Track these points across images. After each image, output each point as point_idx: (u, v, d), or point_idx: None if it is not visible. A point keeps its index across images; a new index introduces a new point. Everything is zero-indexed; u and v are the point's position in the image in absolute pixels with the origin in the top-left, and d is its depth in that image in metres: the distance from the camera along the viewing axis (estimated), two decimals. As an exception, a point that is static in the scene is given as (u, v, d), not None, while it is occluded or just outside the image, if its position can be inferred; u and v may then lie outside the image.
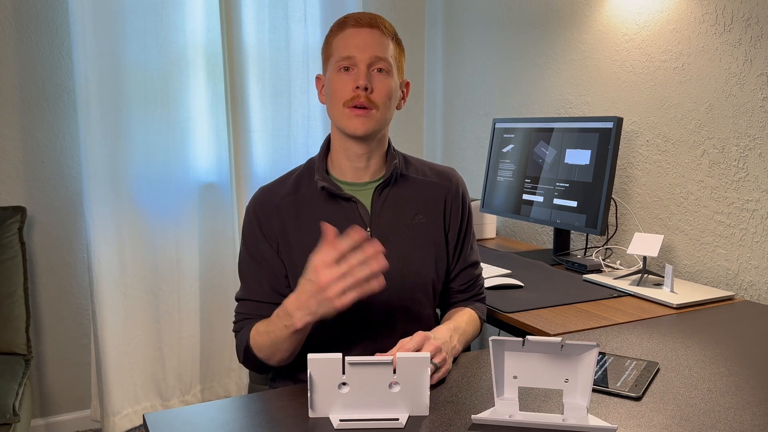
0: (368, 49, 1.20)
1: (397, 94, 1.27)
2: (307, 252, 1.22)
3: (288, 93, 2.61)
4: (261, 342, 1.19)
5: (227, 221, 2.59)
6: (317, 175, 1.27)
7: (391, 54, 1.23)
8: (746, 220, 1.65)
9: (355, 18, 1.22)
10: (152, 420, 0.94)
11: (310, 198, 1.27)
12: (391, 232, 1.27)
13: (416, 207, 1.30)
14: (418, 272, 1.28)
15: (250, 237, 1.28)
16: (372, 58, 1.20)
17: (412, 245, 1.28)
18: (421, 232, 1.30)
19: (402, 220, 1.29)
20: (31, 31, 2.30)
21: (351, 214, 1.26)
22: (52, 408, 2.50)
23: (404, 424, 0.92)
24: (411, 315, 1.29)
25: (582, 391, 0.90)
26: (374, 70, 1.21)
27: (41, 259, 2.41)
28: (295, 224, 1.26)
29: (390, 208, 1.28)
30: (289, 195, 1.28)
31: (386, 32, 1.23)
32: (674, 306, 1.50)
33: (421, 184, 1.32)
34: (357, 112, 1.20)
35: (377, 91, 1.20)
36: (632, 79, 1.96)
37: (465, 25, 2.73)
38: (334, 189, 1.25)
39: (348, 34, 1.21)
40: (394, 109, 1.26)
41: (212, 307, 2.61)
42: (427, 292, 1.31)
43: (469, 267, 1.38)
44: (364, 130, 1.21)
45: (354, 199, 1.26)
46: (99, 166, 2.32)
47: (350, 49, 1.20)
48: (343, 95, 1.20)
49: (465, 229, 1.36)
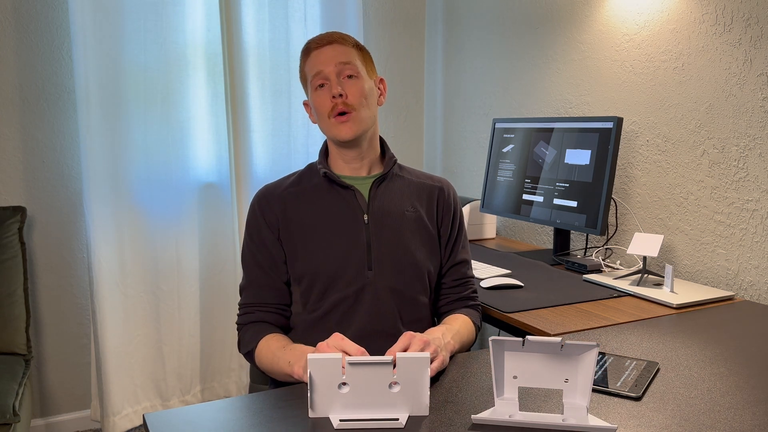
0: (332, 60, 1.30)
1: (373, 92, 1.36)
2: (307, 234, 1.33)
3: (288, 93, 2.61)
4: (265, 359, 1.26)
5: (227, 221, 2.59)
6: (319, 165, 1.36)
7: (356, 59, 1.33)
8: (746, 220, 1.65)
9: (314, 41, 1.34)
10: (152, 420, 0.94)
11: (312, 189, 1.37)
12: (388, 219, 1.35)
13: (411, 200, 1.39)
14: (412, 257, 1.35)
15: (253, 225, 1.37)
16: (338, 66, 1.30)
17: (407, 233, 1.36)
18: (416, 223, 1.37)
19: (398, 209, 1.36)
20: (31, 31, 2.30)
21: (350, 201, 1.35)
22: (52, 408, 2.50)
23: (404, 424, 0.92)
24: (406, 299, 1.34)
25: (582, 391, 0.90)
26: (344, 77, 1.31)
27: (41, 259, 2.41)
28: (296, 208, 1.34)
29: (387, 198, 1.37)
30: (291, 187, 1.38)
31: (345, 43, 1.33)
32: (674, 306, 1.50)
33: (415, 183, 1.43)
34: (340, 119, 1.30)
35: (351, 94, 1.30)
36: (632, 79, 1.96)
37: (465, 25, 2.73)
38: (335, 177, 1.34)
39: (313, 56, 1.33)
40: (374, 106, 1.36)
41: (212, 307, 2.61)
42: (422, 278, 1.36)
43: (460, 264, 1.44)
44: (352, 134, 1.30)
45: (352, 188, 1.35)
46: (99, 166, 2.32)
47: (318, 66, 1.31)
48: (325, 108, 1.31)
49: (457, 228, 1.44)
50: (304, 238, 1.33)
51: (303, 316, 1.34)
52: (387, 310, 1.32)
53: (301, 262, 1.32)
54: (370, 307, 1.31)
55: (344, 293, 1.30)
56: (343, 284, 1.30)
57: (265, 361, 1.26)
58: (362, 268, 1.31)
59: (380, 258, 1.32)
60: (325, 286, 1.31)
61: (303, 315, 1.34)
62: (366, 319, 1.31)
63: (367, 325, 1.30)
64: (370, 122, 1.34)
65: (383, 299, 1.31)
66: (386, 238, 1.33)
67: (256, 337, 1.29)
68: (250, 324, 1.33)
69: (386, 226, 1.34)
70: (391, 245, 1.33)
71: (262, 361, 1.27)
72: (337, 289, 1.31)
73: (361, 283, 1.31)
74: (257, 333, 1.30)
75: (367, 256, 1.31)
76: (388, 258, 1.32)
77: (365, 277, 1.31)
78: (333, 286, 1.31)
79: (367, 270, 1.31)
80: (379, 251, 1.32)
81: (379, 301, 1.31)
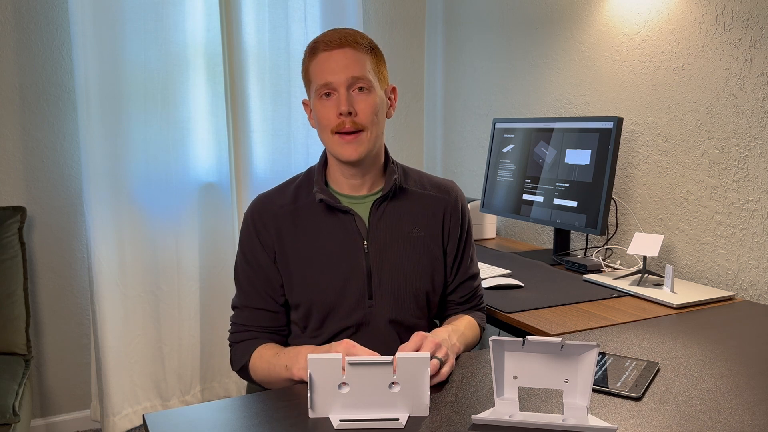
0: (343, 71, 1.16)
1: (384, 105, 1.24)
2: (304, 261, 1.24)
3: (288, 93, 2.61)
4: (260, 368, 1.22)
5: (227, 221, 2.59)
6: (316, 187, 1.26)
7: (369, 69, 1.19)
8: (746, 220, 1.65)
9: (324, 41, 1.18)
10: (152, 420, 0.94)
11: (308, 209, 1.26)
12: (387, 245, 1.26)
13: (414, 220, 1.29)
14: (412, 285, 1.28)
15: (247, 244, 1.28)
16: (349, 80, 1.17)
17: (408, 258, 1.28)
18: (419, 246, 1.29)
19: (399, 233, 1.28)
20: (31, 31, 2.30)
21: (349, 226, 1.25)
22: (52, 408, 2.50)
23: (404, 424, 0.92)
24: (404, 327, 1.29)
25: (582, 391, 0.90)
26: (354, 90, 1.18)
27: (41, 259, 2.41)
28: (292, 234, 1.26)
29: (388, 221, 1.27)
30: (287, 205, 1.27)
31: (359, 47, 1.18)
32: (674, 306, 1.50)
33: (420, 198, 1.31)
34: (346, 138, 1.18)
35: (361, 112, 1.18)
36: (632, 79, 1.96)
37: (465, 25, 2.73)
38: (332, 201, 1.24)
39: (321, 59, 1.18)
40: (383, 122, 1.24)
41: (212, 307, 2.61)
42: (420, 303, 1.30)
43: (469, 279, 1.38)
44: (357, 155, 1.19)
45: (352, 212, 1.26)
46: (99, 166, 2.32)
47: (326, 75, 1.17)
48: (329, 123, 1.18)
49: (465, 242, 1.36)
50: (300, 265, 1.24)
51: (303, 339, 1.29)
52: (389, 340, 1.27)
53: (298, 290, 1.25)
54: (372, 338, 1.25)
55: (345, 324, 1.25)
56: (343, 313, 1.25)
57: (260, 373, 1.21)
58: (362, 297, 1.25)
59: (381, 286, 1.25)
60: (324, 315, 1.25)
61: (303, 339, 1.29)
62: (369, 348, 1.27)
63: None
64: (378, 141, 1.23)
65: (384, 329, 1.27)
66: (387, 266, 1.25)
67: (248, 352, 1.24)
68: (242, 342, 1.28)
69: (387, 252, 1.26)
70: (391, 272, 1.26)
71: (258, 373, 1.22)
72: (337, 318, 1.25)
73: (362, 313, 1.25)
74: (248, 347, 1.25)
75: (367, 285, 1.25)
76: (389, 286, 1.25)
77: (365, 307, 1.25)
78: (332, 315, 1.25)
79: (367, 299, 1.25)
80: (379, 279, 1.25)
81: (381, 331, 1.27)
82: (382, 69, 1.24)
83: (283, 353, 1.18)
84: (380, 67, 1.23)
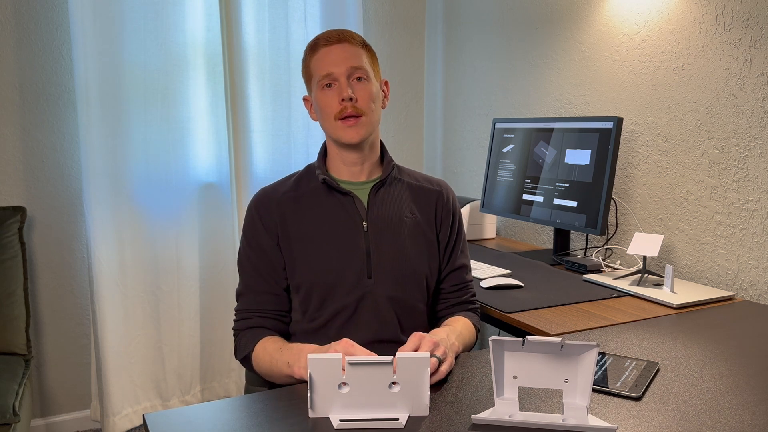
0: (343, 62, 1.28)
1: (380, 95, 1.35)
2: (305, 241, 1.31)
3: (288, 93, 2.61)
4: (262, 362, 1.25)
5: (227, 221, 2.59)
6: (318, 170, 1.35)
7: (365, 61, 1.31)
8: (746, 220, 1.65)
9: (324, 38, 1.30)
10: (152, 420, 0.94)
11: (310, 193, 1.35)
12: (386, 225, 1.33)
13: (410, 206, 1.37)
14: (412, 265, 1.34)
15: (250, 230, 1.34)
16: (349, 69, 1.28)
17: (406, 239, 1.34)
18: (415, 229, 1.36)
19: (397, 216, 1.35)
20: (31, 31, 2.30)
21: (349, 207, 1.33)
22: (52, 408, 2.50)
23: (404, 424, 0.92)
24: (405, 307, 1.33)
25: (582, 391, 0.90)
26: (353, 80, 1.29)
27: (41, 259, 2.41)
28: (294, 215, 1.32)
29: (386, 205, 1.35)
30: (289, 191, 1.35)
31: (355, 43, 1.31)
32: (674, 306, 1.50)
33: (414, 187, 1.41)
34: (349, 122, 1.28)
35: (361, 98, 1.28)
36: (632, 79, 1.96)
37: (465, 25, 2.73)
38: (334, 183, 1.33)
39: (322, 54, 1.30)
40: (379, 110, 1.35)
41: (212, 307, 2.61)
42: (420, 286, 1.35)
43: (459, 269, 1.42)
44: (359, 137, 1.29)
45: (351, 194, 1.33)
46: (99, 166, 2.32)
47: (327, 66, 1.28)
48: (332, 110, 1.29)
49: (456, 233, 1.42)
50: (302, 245, 1.31)
51: (302, 324, 1.32)
52: (387, 319, 1.31)
53: (300, 270, 1.30)
54: (370, 317, 1.30)
55: (344, 302, 1.29)
56: (342, 292, 1.29)
57: (262, 365, 1.24)
58: (362, 275, 1.29)
59: (380, 265, 1.30)
60: (325, 295, 1.29)
61: (303, 324, 1.32)
62: (367, 329, 1.29)
63: (368, 334, 1.29)
64: (376, 126, 1.33)
65: (383, 308, 1.30)
66: (386, 245, 1.32)
67: (252, 341, 1.27)
68: (247, 330, 1.31)
69: (386, 233, 1.32)
70: (390, 252, 1.31)
71: (260, 365, 1.25)
72: (337, 297, 1.29)
73: (361, 291, 1.29)
74: (253, 337, 1.28)
75: (366, 264, 1.30)
76: (388, 265, 1.31)
77: (365, 285, 1.29)
78: (332, 294, 1.29)
79: (366, 278, 1.30)
80: (378, 258, 1.30)
81: (380, 310, 1.30)
82: (375, 64, 1.36)
83: (286, 349, 1.19)
84: (374, 62, 1.36)
